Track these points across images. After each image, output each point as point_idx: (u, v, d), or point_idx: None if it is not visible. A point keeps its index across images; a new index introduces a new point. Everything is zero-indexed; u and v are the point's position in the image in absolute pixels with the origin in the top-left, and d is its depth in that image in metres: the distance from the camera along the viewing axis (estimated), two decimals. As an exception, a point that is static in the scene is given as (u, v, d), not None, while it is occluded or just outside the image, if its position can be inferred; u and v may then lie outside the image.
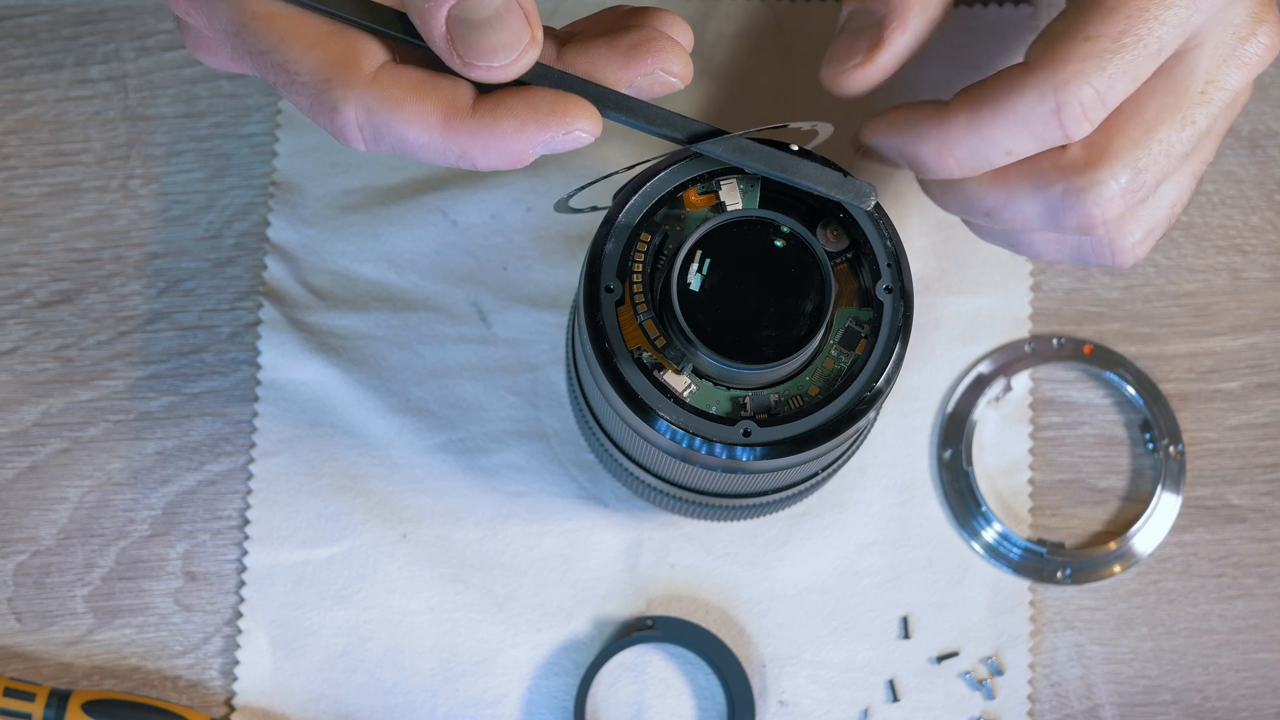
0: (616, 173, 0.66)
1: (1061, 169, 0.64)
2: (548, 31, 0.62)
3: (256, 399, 0.82)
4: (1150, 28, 0.61)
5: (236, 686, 0.79)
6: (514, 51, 0.58)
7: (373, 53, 0.59)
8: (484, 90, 0.60)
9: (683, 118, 0.62)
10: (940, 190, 0.69)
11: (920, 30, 0.63)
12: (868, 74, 0.63)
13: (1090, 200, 0.64)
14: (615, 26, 0.62)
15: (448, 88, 0.59)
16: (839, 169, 0.63)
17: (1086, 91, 0.61)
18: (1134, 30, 0.61)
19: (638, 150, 0.83)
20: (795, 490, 0.72)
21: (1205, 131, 0.65)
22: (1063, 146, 0.64)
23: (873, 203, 0.63)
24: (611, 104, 0.61)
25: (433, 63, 0.60)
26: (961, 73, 0.84)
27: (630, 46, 0.61)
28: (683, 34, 0.62)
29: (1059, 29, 0.62)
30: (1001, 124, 0.62)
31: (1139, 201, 0.65)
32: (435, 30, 0.58)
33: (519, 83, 0.60)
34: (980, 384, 0.82)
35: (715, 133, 0.63)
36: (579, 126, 0.59)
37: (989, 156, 0.62)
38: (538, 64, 0.60)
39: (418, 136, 0.59)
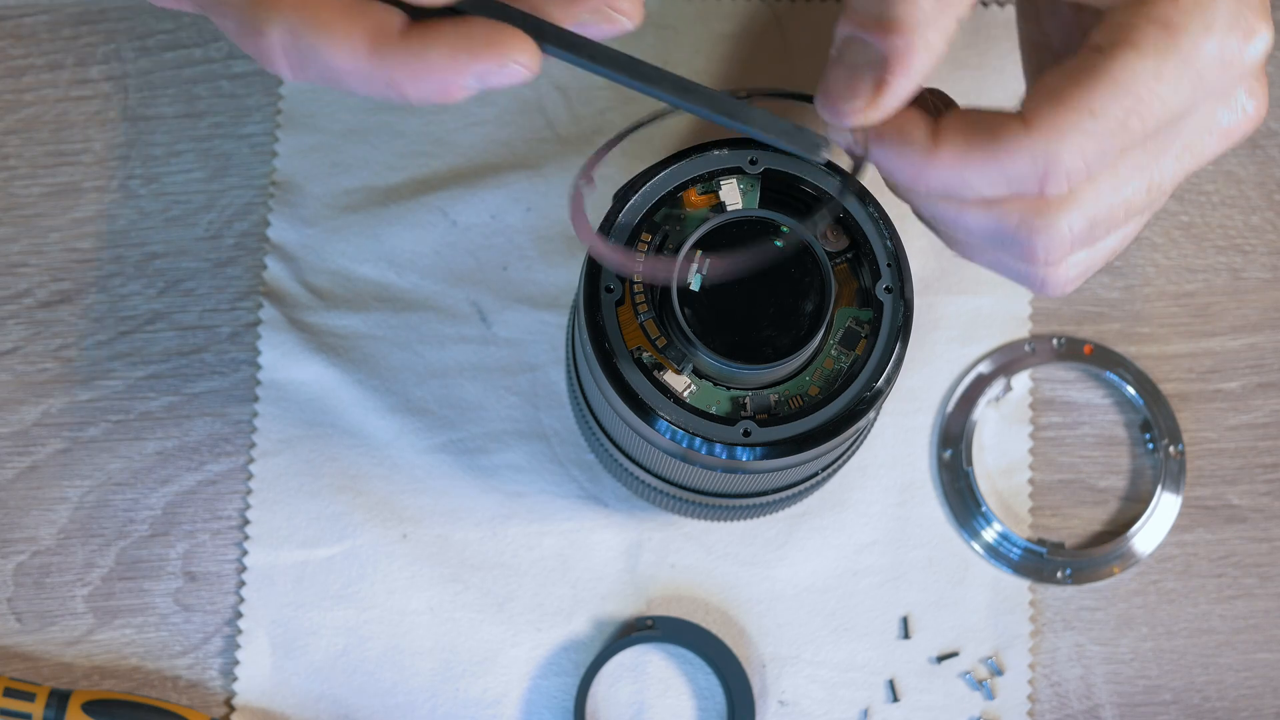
0: (623, 135, 0.64)
1: (1022, 204, 0.63)
2: None
3: (256, 399, 0.82)
4: (1153, 108, 0.60)
5: (236, 686, 0.79)
6: None
7: None
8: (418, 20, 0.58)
9: (627, 56, 0.60)
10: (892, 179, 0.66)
11: (924, 70, 0.60)
12: (868, 117, 0.61)
13: (1041, 238, 0.63)
14: None
15: (379, 12, 0.57)
16: (788, 121, 0.60)
17: (1078, 163, 0.60)
18: (1139, 111, 0.60)
19: (637, 149, 0.83)
20: (795, 490, 0.72)
21: (1167, 190, 0.64)
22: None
23: (824, 157, 0.60)
24: (551, 38, 0.59)
25: None
26: (962, 73, 0.84)
27: None
28: None
29: (1065, 91, 0.60)
30: (986, 174, 0.60)
31: (1085, 246, 0.65)
32: None
33: (456, 14, 0.58)
34: (980, 384, 0.82)
35: (660, 73, 0.61)
36: (513, 58, 0.57)
37: (960, 193, 0.61)
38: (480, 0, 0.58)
39: (344, 62, 0.57)
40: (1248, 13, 0.60)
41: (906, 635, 0.80)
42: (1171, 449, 0.82)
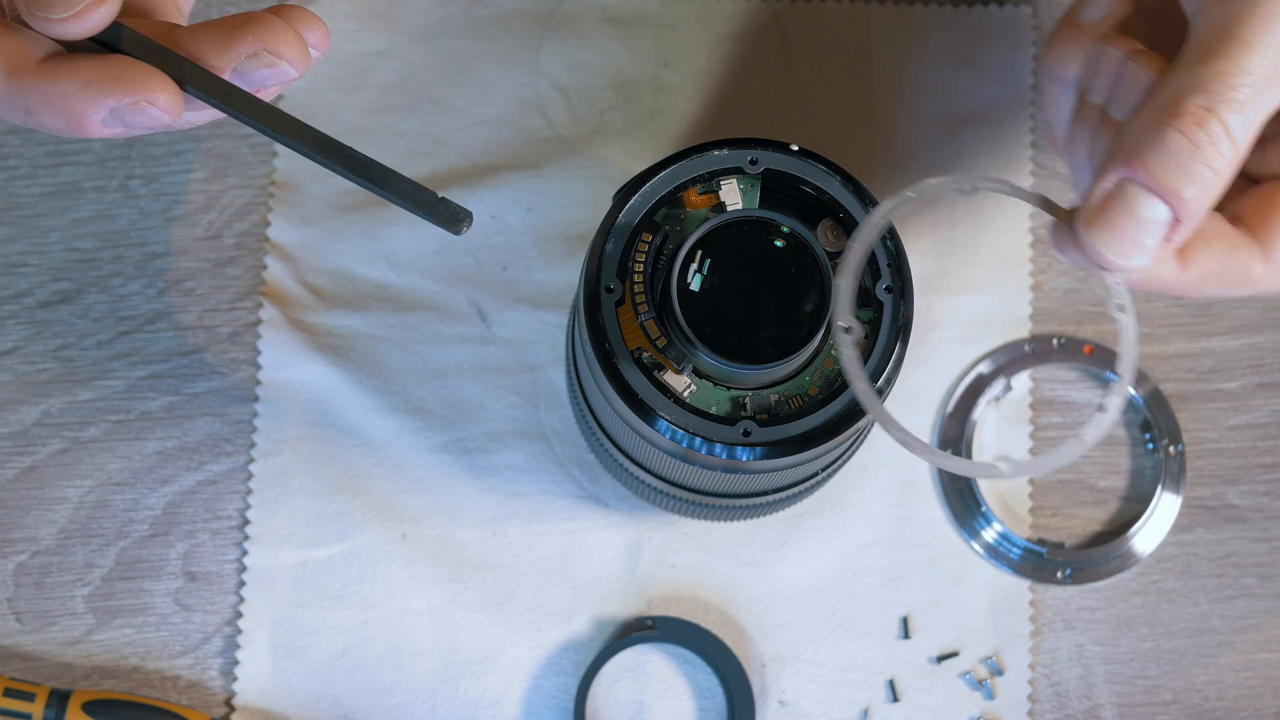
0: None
1: (1253, 282, 0.64)
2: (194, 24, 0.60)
3: (256, 399, 0.82)
4: None
5: (236, 686, 0.79)
6: (78, 4, 0.56)
7: None
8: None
9: (272, 108, 0.58)
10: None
11: (1200, 223, 0.60)
12: (1143, 274, 0.60)
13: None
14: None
15: (20, 40, 0.58)
16: (431, 191, 0.58)
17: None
18: None
19: (638, 149, 0.83)
20: (795, 490, 0.72)
21: None
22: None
23: (465, 229, 0.58)
24: (196, 81, 0.58)
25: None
26: (962, 73, 0.84)
27: (234, 25, 0.58)
28: (310, 27, 0.59)
29: None
30: (1231, 296, 0.62)
31: None
32: None
33: (112, 50, 0.58)
34: (980, 384, 0.82)
35: (303, 128, 0.58)
36: (148, 96, 0.57)
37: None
38: (131, 34, 0.58)
39: None
40: None
41: (906, 635, 0.80)
42: (1171, 449, 0.82)
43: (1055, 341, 0.82)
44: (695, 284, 0.63)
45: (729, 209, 0.65)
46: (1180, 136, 0.59)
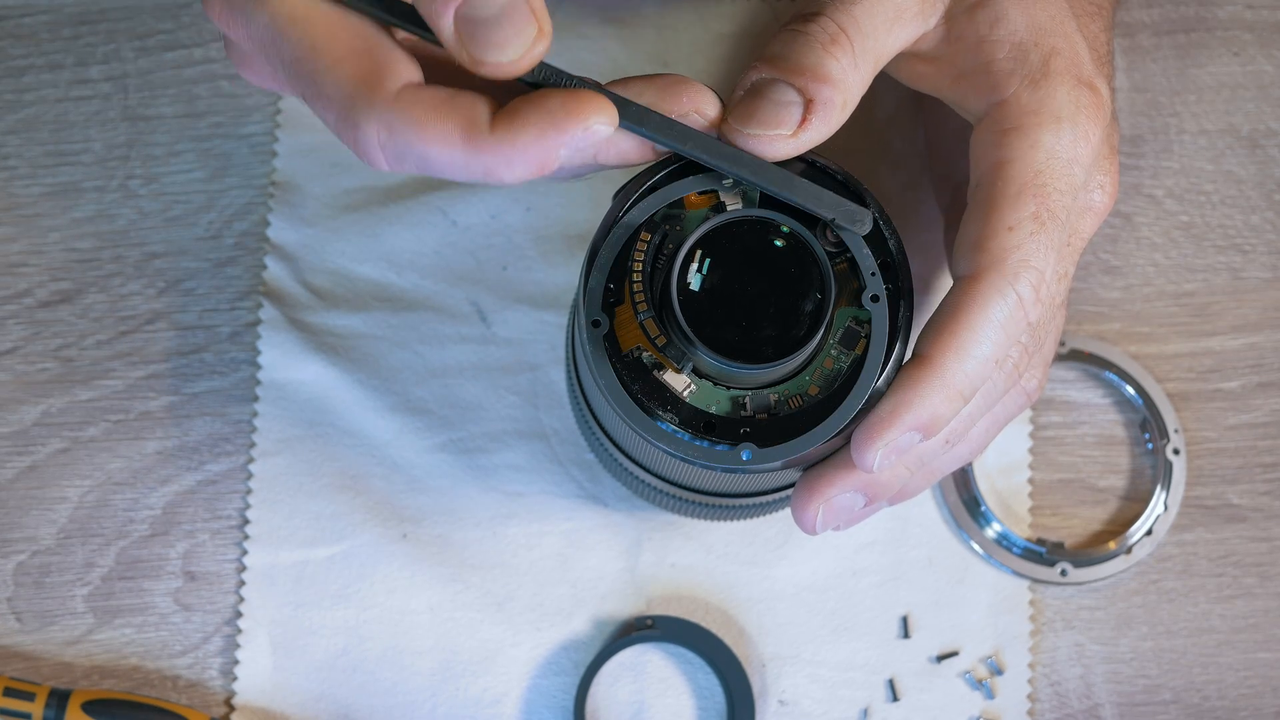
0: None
1: (1005, 383, 0.68)
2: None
3: (256, 399, 0.82)
4: (1052, 198, 0.65)
5: (236, 686, 0.79)
6: (522, 46, 0.58)
7: (398, 72, 0.60)
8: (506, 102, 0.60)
9: (691, 130, 0.62)
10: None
11: (835, 126, 0.65)
12: (787, 148, 0.64)
13: (1022, 396, 0.70)
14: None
15: (468, 106, 0.59)
16: (834, 191, 0.64)
17: (1033, 275, 0.64)
18: (1044, 205, 0.64)
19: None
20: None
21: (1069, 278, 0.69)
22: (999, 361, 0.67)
23: (868, 228, 0.64)
24: (623, 108, 0.61)
25: (458, 81, 0.60)
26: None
27: (667, 84, 0.62)
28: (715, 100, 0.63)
29: (979, 232, 0.65)
30: (985, 338, 0.64)
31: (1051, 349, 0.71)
32: (445, 29, 0.58)
33: (538, 86, 0.60)
34: (980, 384, 0.82)
35: (725, 148, 0.63)
36: (595, 119, 0.59)
37: (983, 373, 0.65)
38: (554, 69, 0.60)
39: (439, 155, 0.59)
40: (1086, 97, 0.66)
41: (906, 635, 0.80)
42: (1171, 449, 0.82)
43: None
44: (695, 284, 0.63)
45: (729, 209, 0.65)
46: (797, 31, 0.65)
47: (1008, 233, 0.64)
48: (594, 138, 0.59)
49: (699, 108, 0.62)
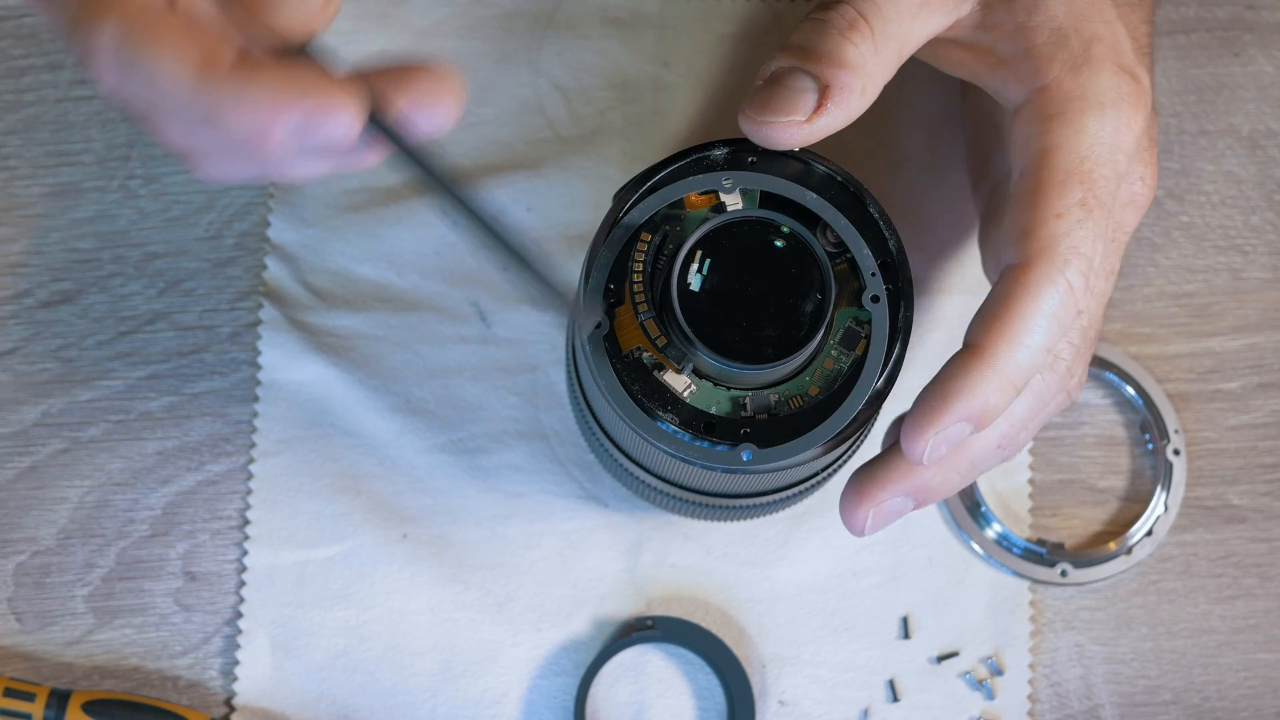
0: None
1: (1058, 384, 0.67)
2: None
3: (256, 399, 0.82)
4: (1099, 185, 0.64)
5: (236, 686, 0.79)
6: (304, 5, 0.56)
7: None
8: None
9: (444, 169, 0.58)
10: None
11: (855, 111, 0.64)
12: (801, 134, 0.64)
13: (1066, 397, 0.69)
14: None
15: (215, 39, 0.56)
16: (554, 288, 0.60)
17: (1082, 262, 0.64)
18: (1091, 192, 0.64)
19: (637, 149, 0.83)
20: (795, 490, 0.72)
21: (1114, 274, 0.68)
22: (1053, 361, 0.66)
23: (589, 334, 0.62)
24: (386, 128, 0.57)
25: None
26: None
27: (400, 72, 0.58)
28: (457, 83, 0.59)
29: (1027, 220, 0.64)
30: (1037, 327, 0.63)
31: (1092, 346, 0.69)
32: None
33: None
34: (980, 384, 0.82)
35: (461, 193, 0.59)
36: (336, 109, 0.55)
37: (1036, 363, 0.63)
38: (323, 49, 0.57)
39: (168, 79, 0.56)
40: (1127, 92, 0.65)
41: (906, 635, 0.80)
42: (1171, 449, 0.82)
43: (1055, 341, 0.82)
44: (695, 284, 0.63)
45: (729, 209, 0.65)
46: (817, 19, 0.65)
47: (1056, 220, 0.63)
48: (331, 130, 0.56)
49: (432, 93, 0.58)
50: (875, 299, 0.64)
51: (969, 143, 0.79)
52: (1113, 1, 0.67)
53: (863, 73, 0.64)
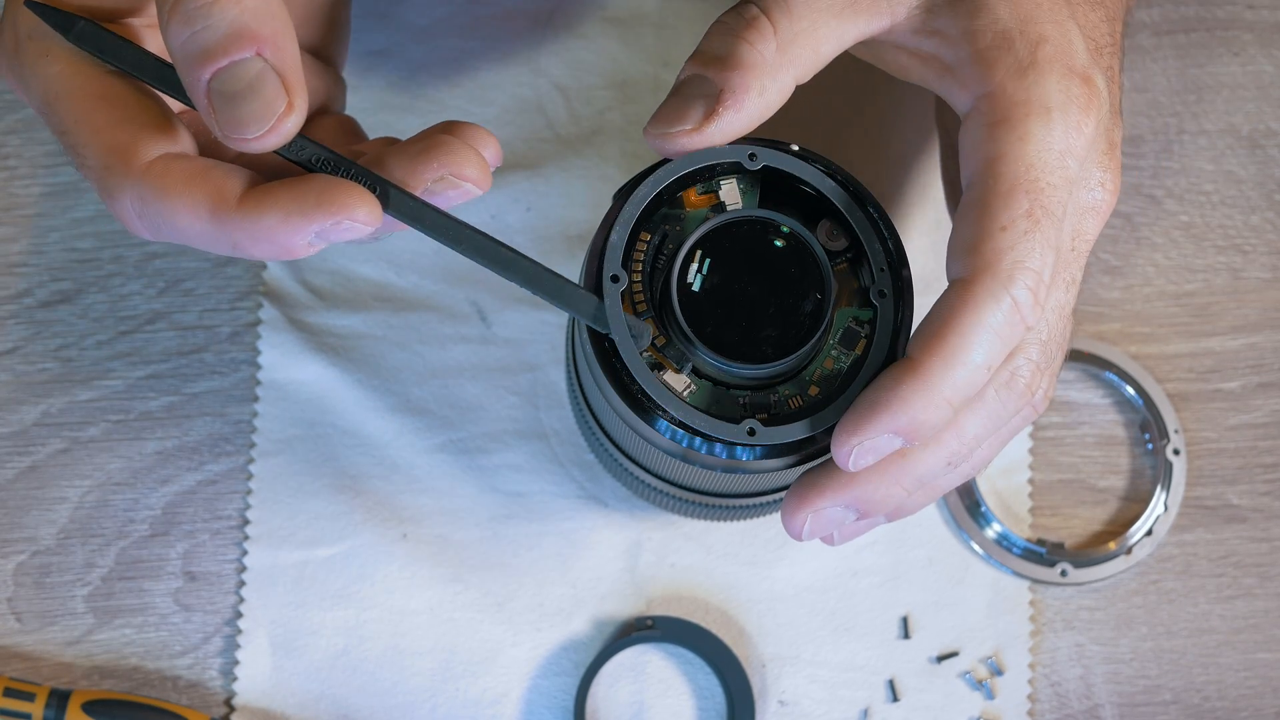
0: None
1: (1018, 402, 0.65)
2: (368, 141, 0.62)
3: (256, 399, 0.82)
4: (1046, 194, 0.62)
5: (236, 686, 0.79)
6: (269, 120, 0.58)
7: (152, 142, 0.60)
8: (271, 177, 0.60)
9: (466, 228, 0.61)
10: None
11: (754, 114, 0.63)
12: (692, 142, 0.63)
13: (1031, 412, 0.66)
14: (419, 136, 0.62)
15: (220, 177, 0.59)
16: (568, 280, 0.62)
17: (1030, 276, 0.61)
18: (1038, 202, 0.62)
19: (637, 149, 0.83)
20: (795, 490, 0.72)
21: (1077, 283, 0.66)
22: (1009, 379, 0.64)
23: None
24: (394, 202, 0.59)
25: (228, 153, 0.61)
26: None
27: (418, 151, 0.60)
28: (486, 145, 0.61)
29: (972, 234, 0.62)
30: (977, 344, 0.61)
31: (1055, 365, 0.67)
32: (200, 102, 0.58)
33: (309, 168, 0.60)
34: (980, 384, 0.82)
35: (497, 246, 0.61)
36: (350, 215, 0.58)
37: (975, 381, 0.62)
38: (326, 151, 0.60)
39: (189, 226, 0.59)
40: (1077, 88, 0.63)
41: (906, 635, 0.80)
42: (1171, 449, 0.82)
43: (1055, 341, 0.82)
44: (695, 284, 0.63)
45: (728, 209, 0.65)
46: (725, 20, 0.64)
47: (1001, 233, 0.61)
48: (350, 233, 0.58)
49: (454, 169, 0.60)
50: (888, 291, 0.64)
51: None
52: (1065, 1, 0.64)
53: (759, 72, 0.63)
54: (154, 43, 0.62)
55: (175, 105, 0.62)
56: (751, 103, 0.63)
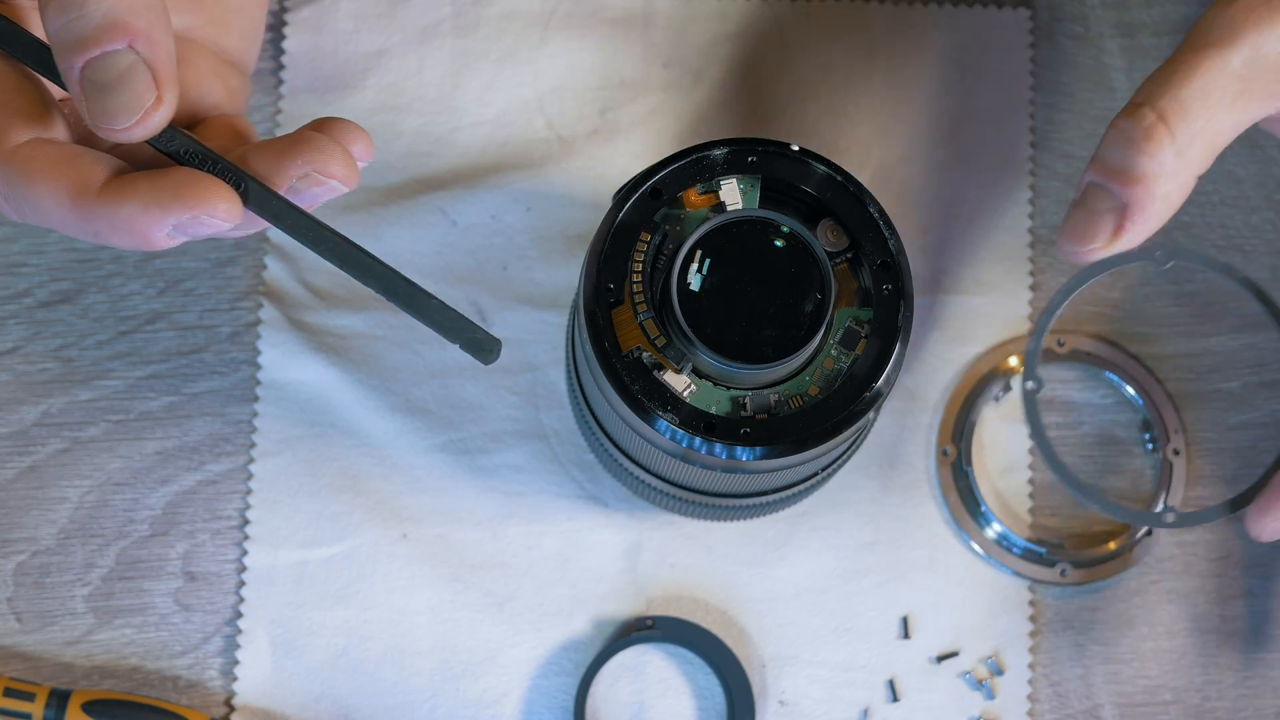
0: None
1: None
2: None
3: (256, 399, 0.82)
4: None
5: (236, 686, 0.79)
6: (137, 112, 0.58)
7: (23, 126, 0.60)
8: (142, 166, 0.60)
9: (322, 228, 0.60)
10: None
11: (1158, 220, 0.65)
12: (1104, 254, 0.65)
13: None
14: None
15: (85, 165, 0.60)
16: (463, 318, 0.60)
17: None
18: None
19: (638, 149, 0.83)
20: (795, 490, 0.72)
21: None
22: None
23: (494, 358, 0.60)
24: (253, 196, 0.60)
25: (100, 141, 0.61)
26: (961, 74, 0.84)
27: (283, 148, 0.61)
28: (355, 140, 0.61)
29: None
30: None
31: None
32: (73, 89, 0.58)
33: (178, 160, 0.60)
34: (980, 384, 0.82)
35: (355, 250, 0.60)
36: (209, 209, 0.58)
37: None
38: (189, 141, 0.60)
39: (51, 210, 0.59)
40: None
41: (906, 635, 0.80)
42: (1171, 449, 0.82)
43: (1056, 341, 0.82)
44: (695, 284, 0.63)
45: (729, 209, 0.65)
46: (1122, 127, 0.64)
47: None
48: (209, 227, 0.59)
49: (318, 166, 0.60)
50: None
51: None
52: None
53: (1161, 181, 0.64)
54: (37, 25, 0.62)
55: (57, 92, 0.62)
56: (1155, 211, 0.64)
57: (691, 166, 0.66)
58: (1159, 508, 0.76)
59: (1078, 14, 0.85)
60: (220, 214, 0.59)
